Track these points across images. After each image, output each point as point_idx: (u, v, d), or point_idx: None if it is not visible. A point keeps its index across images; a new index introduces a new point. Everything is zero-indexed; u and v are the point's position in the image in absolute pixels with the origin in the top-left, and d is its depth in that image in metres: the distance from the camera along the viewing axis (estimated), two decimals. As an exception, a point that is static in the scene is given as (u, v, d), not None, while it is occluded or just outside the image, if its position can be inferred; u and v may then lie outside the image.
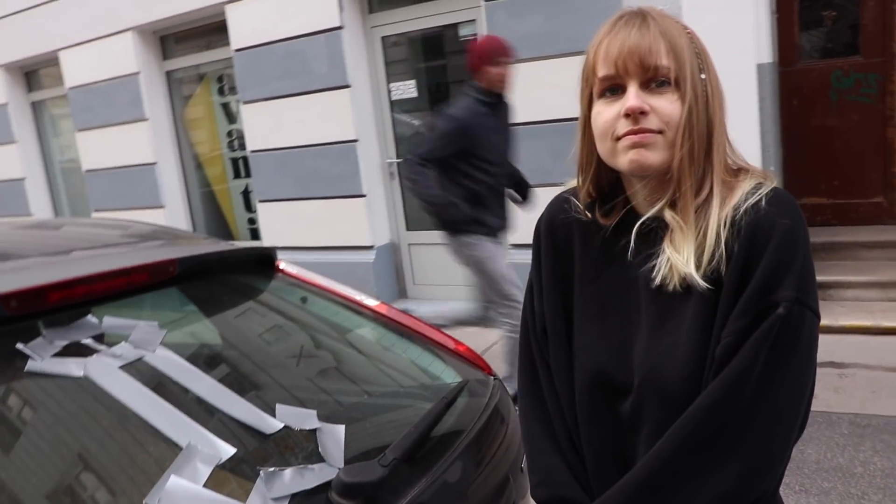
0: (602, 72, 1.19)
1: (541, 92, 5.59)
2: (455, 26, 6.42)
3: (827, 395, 4.12)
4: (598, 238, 1.32)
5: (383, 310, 2.22)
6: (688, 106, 1.16)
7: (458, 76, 6.87)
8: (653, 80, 1.17)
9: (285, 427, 1.50)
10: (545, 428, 1.39)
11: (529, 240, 1.46)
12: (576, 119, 1.29)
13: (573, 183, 1.37)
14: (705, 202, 1.18)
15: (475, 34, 6.20)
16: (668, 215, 1.20)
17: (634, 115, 1.16)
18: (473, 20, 6.15)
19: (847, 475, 3.42)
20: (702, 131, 1.18)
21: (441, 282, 6.78)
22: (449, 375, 2.02)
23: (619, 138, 1.19)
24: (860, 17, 5.64)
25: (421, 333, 2.14)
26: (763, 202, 1.15)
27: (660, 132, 1.17)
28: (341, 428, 1.52)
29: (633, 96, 1.16)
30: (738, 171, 1.23)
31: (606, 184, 1.31)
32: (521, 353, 1.45)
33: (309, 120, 6.76)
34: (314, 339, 2.13)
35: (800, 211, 1.17)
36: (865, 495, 3.27)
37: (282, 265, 2.26)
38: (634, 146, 1.17)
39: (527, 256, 1.59)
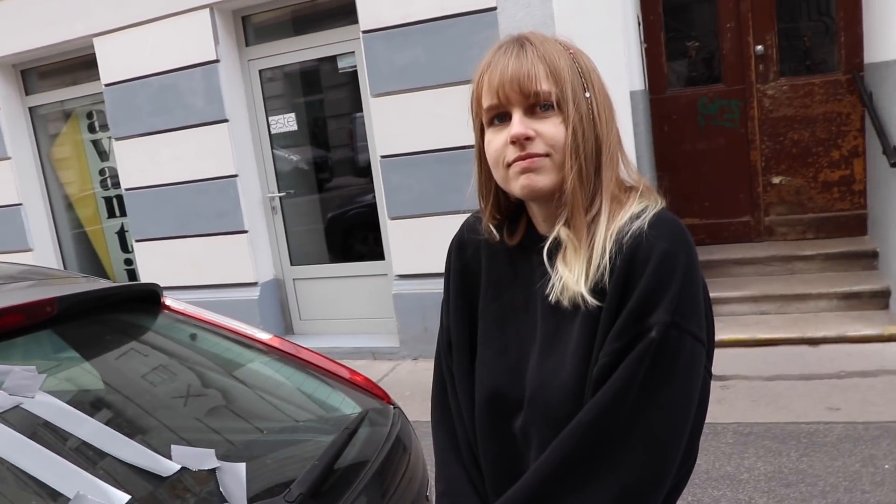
0: (486, 102, 1.22)
1: (421, 122, 5.64)
2: (334, 59, 6.39)
3: (711, 406, 4.20)
4: (503, 257, 1.35)
5: (276, 343, 2.15)
6: (572, 128, 1.18)
7: (337, 109, 6.86)
8: (536, 105, 1.19)
9: (182, 468, 1.41)
10: (450, 438, 1.41)
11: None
12: (457, 148, 1.32)
13: None
14: (595, 218, 1.20)
15: (354, 66, 6.20)
16: (563, 233, 1.22)
17: (520, 141, 1.18)
18: (352, 52, 6.15)
19: (735, 482, 3.55)
20: (589, 150, 1.20)
21: (328, 316, 6.69)
22: (348, 406, 1.98)
23: (509, 165, 1.21)
24: (720, 47, 5.98)
25: (316, 365, 2.09)
26: (645, 226, 1.16)
27: (547, 155, 1.19)
28: (242, 466, 1.45)
29: (517, 124, 1.18)
30: (629, 190, 1.25)
31: (506, 207, 1.34)
32: (435, 367, 1.48)
33: (186, 156, 6.56)
34: (205, 377, 2.04)
35: (684, 235, 1.18)
36: (752, 499, 3.40)
37: (168, 301, 2.16)
38: (524, 171, 1.19)
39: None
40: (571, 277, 1.19)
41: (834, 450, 3.72)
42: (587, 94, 1.21)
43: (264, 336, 2.16)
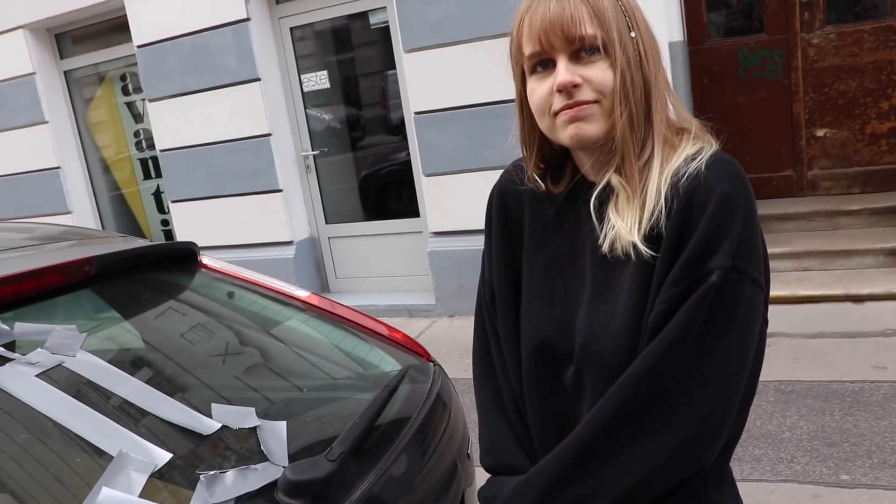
0: (528, 49, 1.16)
1: (455, 77, 5.56)
2: (365, 15, 6.31)
3: (752, 364, 4.21)
4: (548, 206, 1.30)
5: (315, 301, 2.13)
6: (620, 72, 1.12)
7: (370, 66, 6.79)
8: (581, 50, 1.13)
9: (223, 427, 1.40)
10: (495, 397, 1.37)
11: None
12: (492, 103, 1.27)
13: None
14: (647, 163, 1.15)
15: (386, 22, 6.11)
16: (615, 180, 1.17)
17: (567, 89, 1.13)
18: (384, 7, 6.06)
19: (776, 441, 3.50)
20: (638, 94, 1.14)
21: (363, 274, 6.70)
22: (387, 364, 1.95)
23: (556, 114, 1.16)
24: (763, -5, 5.79)
25: (355, 323, 2.06)
26: (703, 167, 1.11)
27: (595, 102, 1.14)
28: (283, 424, 1.43)
29: (562, 71, 1.13)
30: (681, 131, 1.20)
31: (551, 155, 1.29)
32: (476, 322, 1.43)
33: (219, 116, 6.55)
34: (243, 335, 2.03)
35: (743, 176, 1.12)
36: (794, 459, 3.35)
37: (205, 260, 2.14)
38: (572, 120, 1.15)
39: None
40: (625, 226, 1.14)
41: (880, 409, 3.64)
42: (633, 35, 1.15)
43: (302, 293, 2.14)
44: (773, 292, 4.42)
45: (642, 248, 1.12)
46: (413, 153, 6.12)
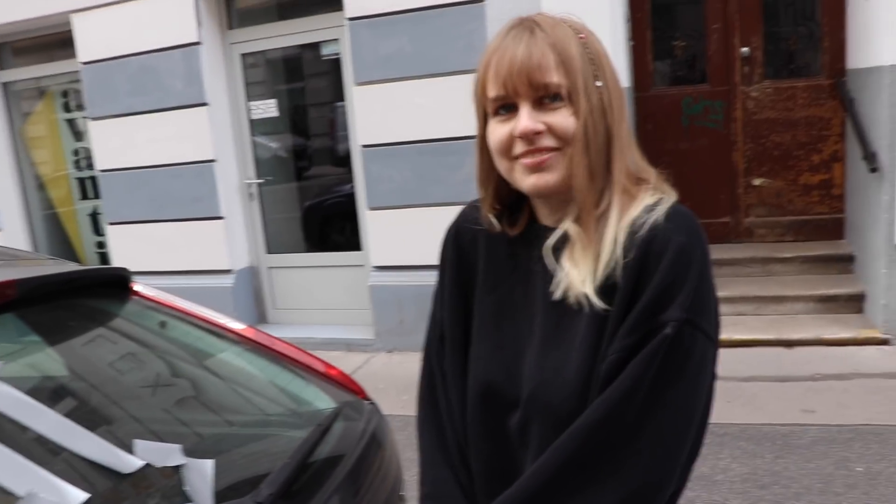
0: (492, 92, 1.15)
1: (404, 113, 5.57)
2: (317, 45, 6.31)
3: (686, 407, 4.26)
4: (502, 248, 1.29)
5: (250, 333, 2.08)
6: (583, 120, 1.12)
7: (319, 97, 6.78)
8: (545, 97, 1.13)
9: (146, 465, 1.35)
10: (438, 438, 1.34)
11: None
12: (440, 140, 1.26)
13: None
14: (604, 213, 1.15)
15: (338, 54, 6.11)
16: (572, 229, 1.16)
17: (528, 136, 1.12)
18: (336, 39, 6.06)
19: (710, 483, 3.54)
20: (600, 144, 1.14)
21: (302, 306, 6.61)
22: (322, 401, 1.92)
23: (516, 157, 1.16)
24: (706, 48, 5.96)
25: (290, 357, 2.02)
26: (661, 218, 1.11)
27: (557, 149, 1.14)
28: (209, 463, 1.39)
29: (525, 117, 1.12)
30: (640, 181, 1.20)
31: (507, 196, 1.28)
32: (423, 361, 1.40)
33: (164, 138, 6.44)
34: (174, 366, 1.98)
35: (699, 229, 1.13)
36: (727, 501, 3.39)
37: (137, 287, 2.08)
38: (533, 170, 1.14)
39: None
40: (578, 276, 1.13)
41: (808, 452, 3.72)
42: (598, 84, 1.15)
43: (238, 326, 2.09)
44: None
45: (595, 300, 1.11)
46: (358, 186, 6.09)
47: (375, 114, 5.71)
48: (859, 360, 4.75)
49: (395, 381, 5.19)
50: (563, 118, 1.12)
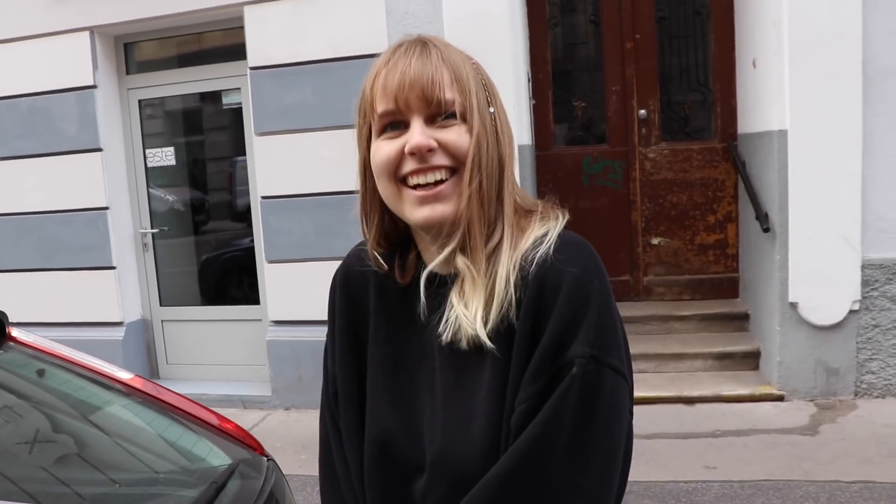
0: (381, 107, 1.07)
1: (306, 165, 5.49)
2: (218, 94, 6.19)
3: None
4: (394, 292, 1.18)
5: (138, 384, 1.92)
6: (476, 138, 1.05)
7: (219, 146, 6.63)
8: (437, 115, 1.06)
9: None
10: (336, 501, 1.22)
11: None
12: (341, 193, 1.18)
13: None
14: (496, 247, 1.07)
15: (239, 103, 6.01)
16: (461, 262, 1.07)
17: (421, 153, 1.04)
18: (238, 88, 5.97)
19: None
20: (493, 167, 1.07)
21: (197, 361, 6.34)
22: (216, 457, 1.76)
23: (403, 179, 1.07)
24: (605, 109, 6.12)
25: (182, 410, 1.87)
26: (551, 250, 1.04)
27: (449, 168, 1.06)
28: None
29: (417, 133, 1.05)
30: (528, 213, 1.13)
31: (393, 233, 1.18)
32: (320, 424, 1.27)
33: (54, 183, 6.14)
34: (54, 420, 1.80)
35: (594, 257, 1.06)
36: (628, 560, 3.32)
37: (14, 332, 1.90)
38: (425, 201, 1.06)
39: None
40: (468, 315, 1.04)
41: (711, 508, 3.70)
42: (491, 110, 1.09)
43: (125, 375, 1.92)
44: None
45: (487, 342, 1.03)
46: (257, 238, 5.94)
47: (276, 165, 5.61)
48: (757, 416, 4.83)
49: (292, 440, 5.00)
50: (456, 135, 1.06)
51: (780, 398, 5.01)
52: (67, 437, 1.78)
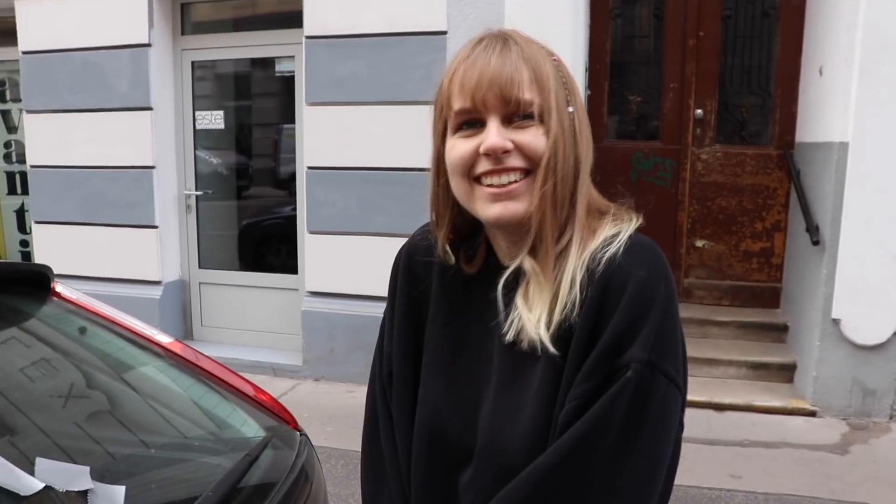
0: (458, 104, 1.05)
1: (354, 138, 5.47)
2: (271, 61, 6.18)
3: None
4: (457, 281, 1.17)
5: (177, 348, 1.93)
6: (552, 141, 1.03)
7: (268, 113, 6.63)
8: (515, 114, 1.03)
9: (47, 487, 1.18)
10: (381, 489, 1.21)
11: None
12: (387, 169, 1.16)
13: None
14: (565, 249, 1.05)
15: (292, 72, 5.99)
16: (528, 264, 1.06)
17: (496, 154, 1.02)
18: (292, 57, 5.95)
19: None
20: (567, 170, 1.05)
21: (230, 325, 6.38)
22: (249, 428, 1.77)
23: (477, 178, 1.05)
24: (661, 106, 6.03)
25: (219, 378, 1.87)
26: (620, 251, 1.02)
27: (524, 170, 1.04)
28: (121, 490, 1.23)
29: (493, 133, 1.02)
30: (602, 215, 1.10)
31: (463, 226, 1.16)
32: (368, 400, 1.27)
33: (102, 139, 6.19)
34: (91, 377, 1.81)
35: (663, 263, 1.04)
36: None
37: (59, 288, 1.91)
38: (498, 198, 1.04)
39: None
40: (532, 318, 1.03)
41: (735, 519, 3.68)
42: (570, 109, 1.06)
43: (165, 339, 1.93)
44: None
45: (549, 346, 1.02)
46: (300, 208, 5.94)
47: (325, 136, 5.60)
48: (787, 429, 4.77)
49: (319, 411, 5.02)
50: (533, 137, 1.03)
51: (813, 414, 4.94)
52: (101, 394, 1.79)
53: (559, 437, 0.99)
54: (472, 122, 1.05)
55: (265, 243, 6.79)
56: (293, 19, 5.76)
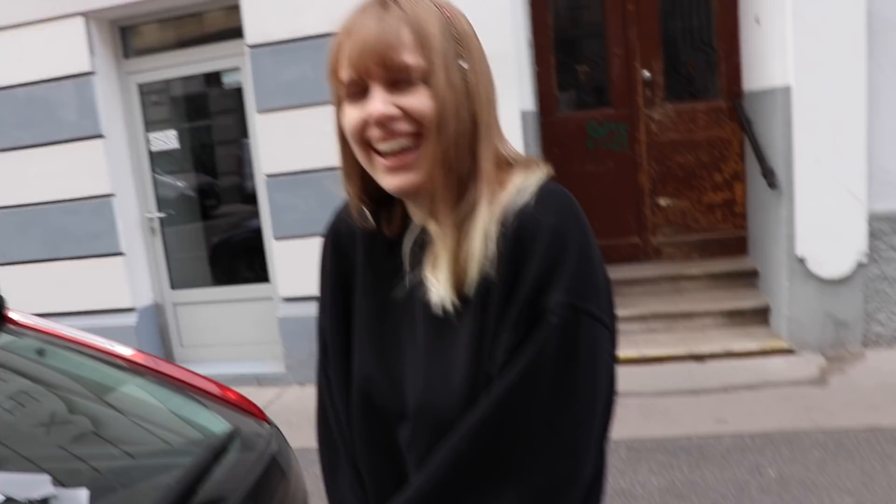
0: (345, 76, 1.04)
1: (309, 140, 5.47)
2: (218, 75, 6.16)
3: (603, 426, 4.26)
4: (382, 246, 1.18)
5: (139, 359, 1.94)
6: (439, 102, 1.02)
7: (222, 126, 6.61)
8: (399, 80, 1.02)
9: (7, 499, 1.20)
10: (332, 459, 1.25)
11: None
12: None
13: None
14: (472, 208, 1.05)
15: (240, 83, 5.98)
16: (433, 227, 1.08)
17: (381, 122, 1.02)
18: (238, 68, 5.93)
19: (629, 497, 3.53)
20: (463, 128, 1.04)
21: (210, 342, 6.37)
22: (217, 425, 1.78)
23: (373, 147, 1.05)
24: (609, 72, 6.07)
25: (183, 381, 1.89)
26: (531, 202, 1.02)
27: (415, 135, 1.03)
28: (83, 493, 1.25)
29: (377, 101, 1.02)
30: (510, 167, 1.10)
31: (375, 189, 1.14)
32: (317, 377, 1.29)
33: (57, 173, 6.12)
34: (54, 396, 1.81)
35: (573, 207, 1.04)
36: (646, 516, 3.37)
37: (12, 315, 1.92)
38: (394, 171, 1.05)
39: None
40: (441, 280, 1.05)
41: (723, 461, 3.76)
42: (464, 64, 1.04)
43: (125, 351, 1.94)
44: (623, 353, 4.47)
45: (450, 308, 1.04)
46: (264, 216, 5.94)
47: (279, 142, 5.60)
48: (767, 370, 4.86)
49: (308, 414, 4.97)
50: (419, 101, 1.02)
51: (790, 352, 5.03)
52: (70, 412, 1.79)
53: (492, 388, 1.00)
54: (363, 90, 1.04)
55: (237, 257, 6.76)
56: (235, 31, 5.74)
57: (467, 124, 1.04)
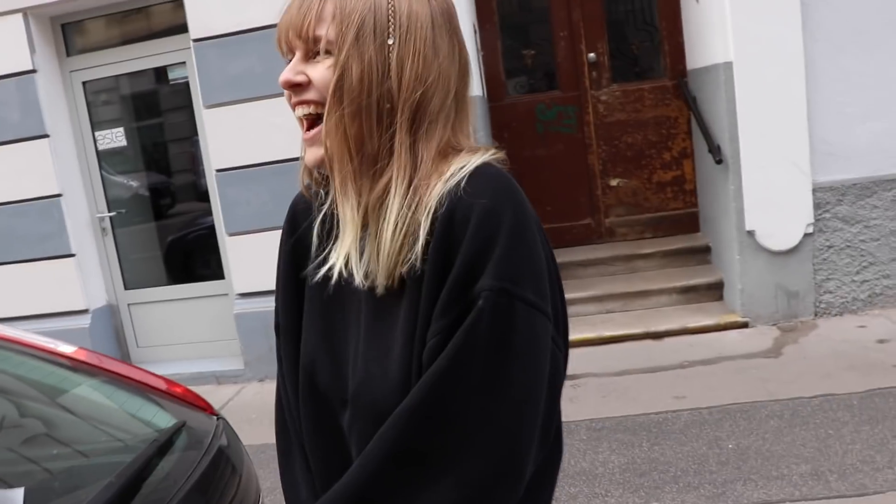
0: (280, 52, 1.08)
1: (257, 133, 5.43)
2: (163, 70, 6.07)
3: (564, 405, 4.24)
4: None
5: (82, 356, 1.92)
6: (338, 72, 1.00)
7: (169, 122, 6.52)
8: (314, 51, 1.03)
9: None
10: (287, 441, 1.23)
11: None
12: (296, 159, 1.15)
13: None
14: (386, 190, 1.03)
15: (186, 77, 5.90)
16: (338, 205, 1.06)
17: (287, 87, 1.05)
18: (183, 63, 5.86)
19: (590, 477, 3.56)
20: (369, 104, 1.01)
21: (167, 342, 6.30)
22: (163, 419, 1.77)
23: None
24: (555, 55, 6.11)
25: (127, 377, 1.87)
26: (462, 183, 0.99)
27: (321, 104, 1.03)
28: (19, 492, 1.24)
29: (287, 69, 1.05)
30: (457, 154, 1.06)
31: None
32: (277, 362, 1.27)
33: (2, 174, 6.00)
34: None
35: (509, 188, 1.01)
36: (608, 493, 3.41)
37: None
38: (307, 144, 1.07)
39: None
40: (339, 261, 1.05)
41: (682, 436, 3.83)
42: (389, 40, 1.02)
43: (67, 349, 1.92)
44: (580, 335, 4.51)
45: (360, 279, 1.04)
46: (216, 212, 5.88)
47: (228, 136, 5.54)
48: (723, 344, 4.96)
49: (268, 410, 4.95)
50: (321, 70, 1.02)
51: (745, 325, 5.13)
52: (20, 416, 1.76)
53: (423, 375, 0.98)
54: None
55: (192, 255, 6.69)
56: (181, 26, 5.67)
57: (375, 102, 1.02)
